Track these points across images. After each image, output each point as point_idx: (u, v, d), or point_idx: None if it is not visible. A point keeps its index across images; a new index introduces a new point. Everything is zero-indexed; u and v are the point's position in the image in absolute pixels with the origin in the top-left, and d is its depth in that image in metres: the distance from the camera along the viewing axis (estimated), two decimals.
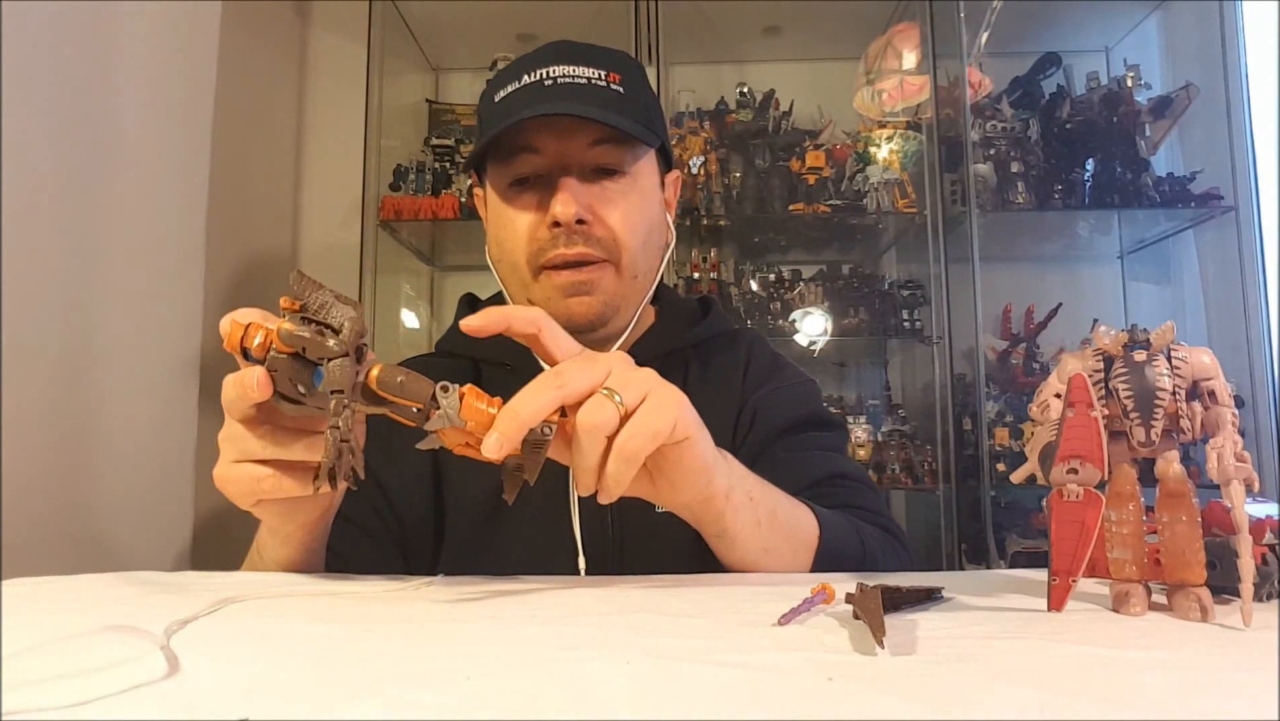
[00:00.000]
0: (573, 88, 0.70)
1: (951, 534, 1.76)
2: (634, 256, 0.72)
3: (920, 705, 0.29)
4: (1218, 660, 0.35)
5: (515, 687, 0.31)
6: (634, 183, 0.73)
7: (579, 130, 0.69)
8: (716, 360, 0.80)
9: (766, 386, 0.79)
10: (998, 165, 1.85)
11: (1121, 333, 0.44)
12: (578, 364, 0.48)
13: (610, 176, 0.72)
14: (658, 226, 0.76)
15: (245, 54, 1.70)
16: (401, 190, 1.89)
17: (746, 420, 0.76)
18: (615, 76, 0.72)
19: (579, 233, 0.69)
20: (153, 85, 1.25)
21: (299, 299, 0.45)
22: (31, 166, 1.02)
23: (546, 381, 0.46)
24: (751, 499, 0.56)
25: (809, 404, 0.80)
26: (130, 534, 1.19)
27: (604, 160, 0.71)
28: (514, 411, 0.45)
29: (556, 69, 0.71)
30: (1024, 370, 1.91)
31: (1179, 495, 0.43)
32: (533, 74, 0.71)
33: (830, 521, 0.63)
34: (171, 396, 1.29)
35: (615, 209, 0.71)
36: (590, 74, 0.71)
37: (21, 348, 1.00)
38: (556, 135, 0.69)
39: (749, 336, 0.85)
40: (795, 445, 0.74)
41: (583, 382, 0.47)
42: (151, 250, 1.24)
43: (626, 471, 0.47)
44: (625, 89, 0.72)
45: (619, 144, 0.71)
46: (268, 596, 0.48)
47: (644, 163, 0.74)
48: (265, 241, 1.92)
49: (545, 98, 0.69)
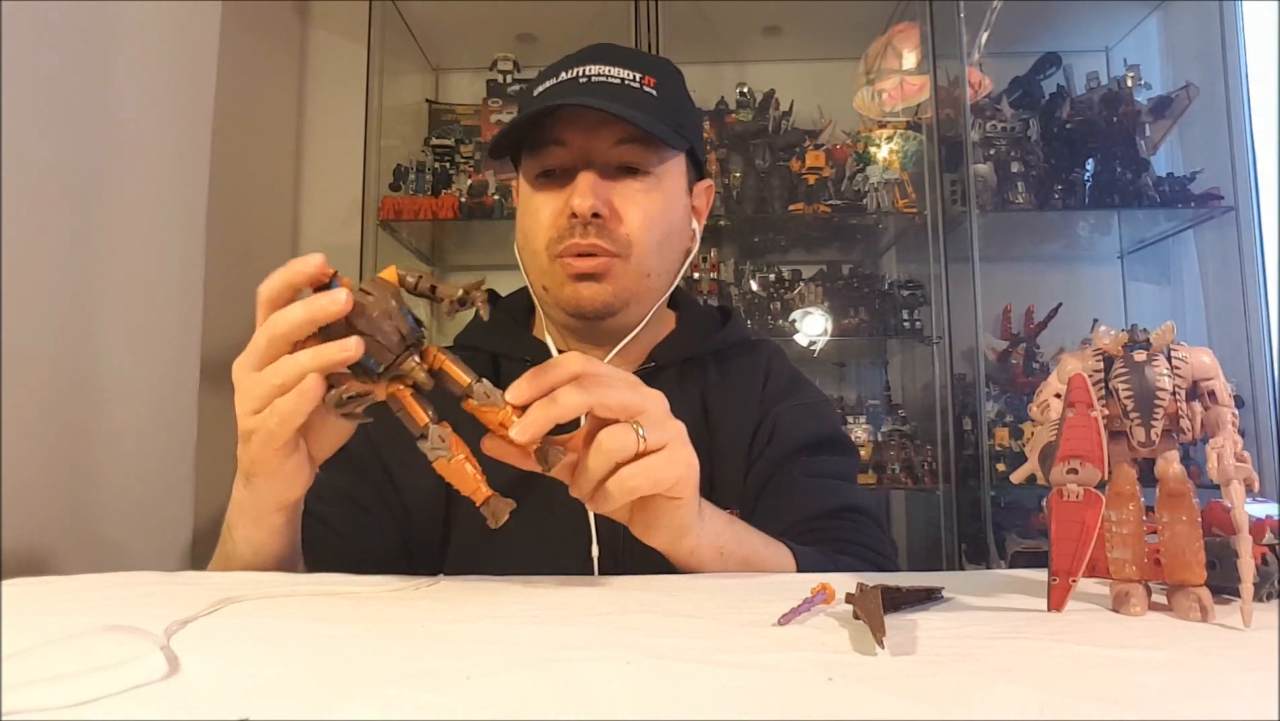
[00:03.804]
0: (605, 86, 0.72)
1: (951, 534, 1.76)
2: (647, 254, 0.73)
3: (920, 705, 0.29)
4: (1218, 660, 0.35)
5: (515, 687, 0.31)
6: (657, 183, 0.74)
7: (605, 127, 0.71)
8: (736, 369, 0.81)
9: (786, 401, 0.80)
10: (998, 165, 1.85)
11: (1121, 332, 0.44)
12: (624, 384, 0.51)
13: (633, 175, 0.73)
14: (678, 230, 0.77)
15: (245, 54, 1.70)
16: (401, 190, 1.89)
17: (765, 432, 0.77)
18: (650, 80, 0.73)
19: (594, 225, 0.70)
20: (153, 85, 1.25)
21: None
22: (31, 166, 1.02)
23: (590, 383, 0.49)
24: (721, 554, 0.59)
25: (826, 424, 0.81)
26: (130, 534, 1.19)
27: (627, 158, 0.72)
28: (554, 400, 0.48)
29: (593, 68, 0.73)
30: (1024, 370, 1.91)
31: (1179, 495, 0.43)
32: (570, 71, 0.73)
33: (808, 567, 0.64)
34: (171, 396, 1.29)
35: (634, 206, 0.72)
36: (625, 75, 0.73)
37: (21, 347, 1.00)
38: (583, 130, 0.71)
39: (769, 348, 0.86)
40: (811, 468, 0.76)
41: (618, 401, 0.50)
42: (151, 250, 1.24)
43: (620, 499, 0.51)
44: (659, 92, 0.73)
45: (644, 144, 0.72)
46: (268, 596, 0.48)
47: (670, 166, 0.75)
48: (265, 241, 1.92)
49: (576, 93, 0.71)
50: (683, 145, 0.75)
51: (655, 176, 0.73)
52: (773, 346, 0.87)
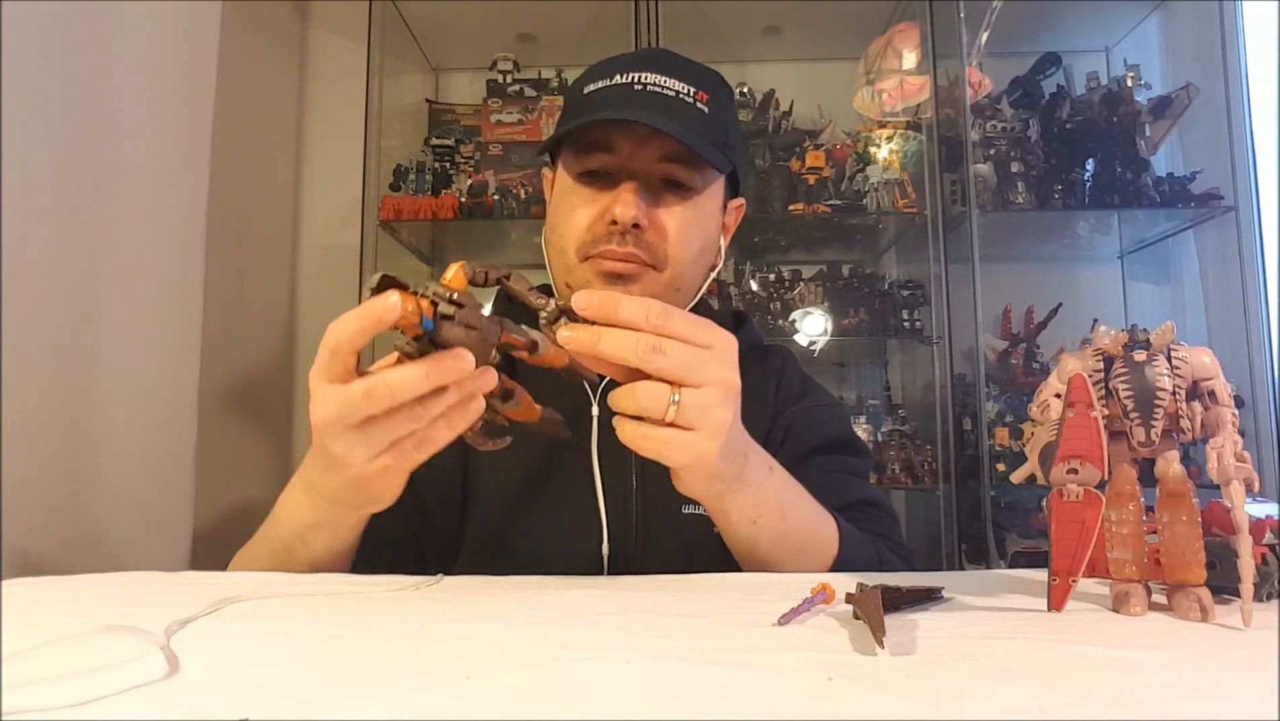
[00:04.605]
0: (660, 98, 0.71)
1: (951, 534, 1.76)
2: (681, 270, 0.73)
3: (920, 705, 0.29)
4: (1218, 660, 0.35)
5: (515, 687, 0.31)
6: (698, 201, 0.73)
7: (654, 140, 0.70)
8: (749, 372, 0.81)
9: (800, 403, 0.81)
10: (998, 165, 1.84)
11: (1121, 333, 0.44)
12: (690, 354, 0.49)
13: (676, 190, 0.72)
14: (710, 247, 0.77)
15: (245, 54, 1.70)
16: (401, 190, 1.88)
17: (779, 434, 0.78)
18: (704, 96, 0.73)
19: (632, 235, 0.70)
20: (153, 85, 1.25)
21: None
22: (31, 166, 1.02)
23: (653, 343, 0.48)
24: (755, 523, 0.58)
25: (840, 426, 0.82)
26: (130, 534, 1.18)
27: (672, 174, 0.72)
28: (611, 333, 0.48)
29: (649, 76, 0.72)
30: (1024, 370, 1.91)
31: (1179, 495, 0.43)
32: (625, 75, 0.72)
33: (851, 538, 0.64)
34: (171, 396, 1.29)
35: (674, 221, 0.72)
36: (680, 88, 0.72)
37: (22, 348, 1.00)
38: (633, 140, 0.70)
39: (782, 353, 0.87)
40: (827, 466, 0.76)
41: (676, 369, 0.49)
42: (151, 250, 1.24)
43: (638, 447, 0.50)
44: (710, 109, 0.73)
45: (690, 162, 0.71)
46: (268, 596, 0.48)
47: (712, 184, 0.75)
48: (265, 241, 1.92)
49: (631, 102, 0.71)
50: (727, 167, 0.74)
51: (697, 194, 0.73)
52: (785, 351, 0.88)
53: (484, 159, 1.91)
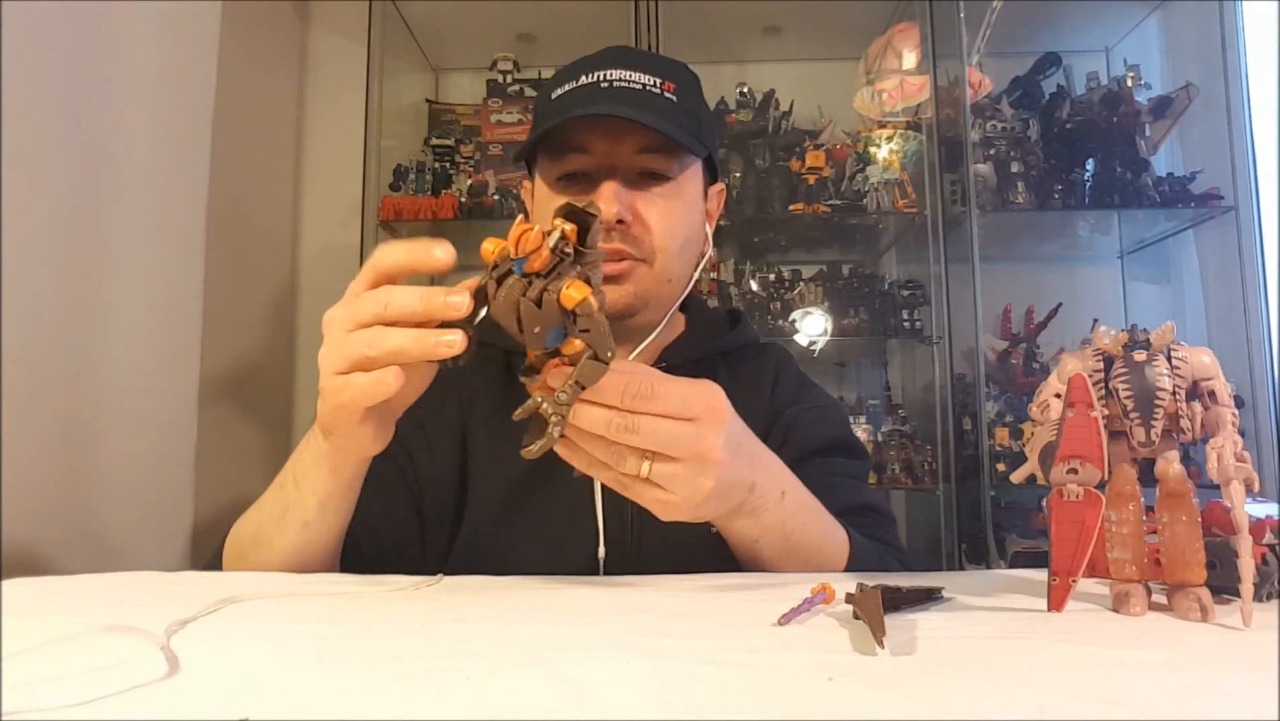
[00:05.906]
0: (628, 92, 0.71)
1: (951, 534, 1.76)
2: (669, 260, 0.73)
3: (920, 705, 0.29)
4: (1218, 660, 0.35)
5: (515, 687, 0.31)
6: (678, 189, 0.74)
7: (628, 134, 0.70)
8: (745, 370, 0.82)
9: (798, 404, 0.81)
10: (998, 165, 1.84)
11: (1121, 333, 0.44)
12: (680, 432, 0.48)
13: (655, 181, 0.73)
14: (696, 235, 0.78)
15: (245, 54, 1.70)
16: (401, 190, 1.88)
17: (778, 435, 0.77)
18: (670, 85, 0.73)
19: (618, 231, 0.70)
20: (153, 85, 1.25)
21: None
22: (31, 166, 1.02)
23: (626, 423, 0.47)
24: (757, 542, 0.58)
25: (839, 427, 0.82)
26: (130, 534, 1.19)
27: (650, 165, 0.72)
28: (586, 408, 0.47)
29: (614, 72, 0.72)
30: (1024, 370, 1.91)
31: (1179, 495, 0.43)
32: (590, 75, 0.73)
33: (860, 549, 0.64)
34: (171, 396, 1.29)
35: (657, 213, 0.72)
36: (646, 80, 0.72)
37: (22, 347, 1.00)
38: (606, 137, 0.71)
39: (777, 351, 0.87)
40: (826, 468, 0.76)
41: (651, 445, 0.48)
42: (151, 250, 1.24)
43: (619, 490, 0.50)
44: (679, 98, 0.73)
45: (666, 151, 0.72)
46: (268, 596, 0.48)
47: (690, 171, 0.76)
48: (265, 241, 1.92)
49: (599, 99, 0.71)
50: (703, 152, 0.75)
51: (676, 183, 0.74)
52: (780, 349, 0.88)
53: (484, 159, 1.91)
